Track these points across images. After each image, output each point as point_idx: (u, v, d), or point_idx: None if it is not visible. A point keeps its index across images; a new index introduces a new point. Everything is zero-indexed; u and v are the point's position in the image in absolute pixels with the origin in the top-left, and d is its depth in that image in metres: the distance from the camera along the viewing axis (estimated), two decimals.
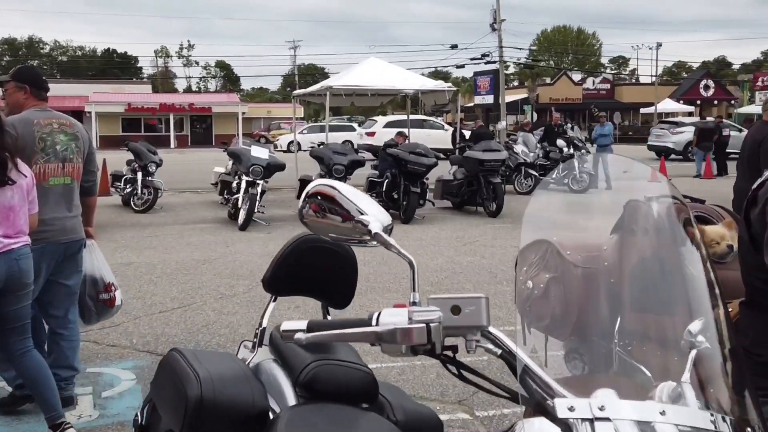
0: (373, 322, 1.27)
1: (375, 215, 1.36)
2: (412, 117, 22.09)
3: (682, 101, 58.50)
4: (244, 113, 45.91)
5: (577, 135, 17.60)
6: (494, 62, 34.72)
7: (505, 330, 1.70)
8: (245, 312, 6.50)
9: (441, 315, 1.21)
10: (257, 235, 10.73)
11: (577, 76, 60.69)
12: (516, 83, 65.54)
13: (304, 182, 13.19)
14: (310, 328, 1.29)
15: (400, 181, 12.18)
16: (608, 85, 60.78)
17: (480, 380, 1.32)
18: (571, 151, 17.03)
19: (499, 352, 1.24)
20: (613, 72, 78.08)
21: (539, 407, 1.19)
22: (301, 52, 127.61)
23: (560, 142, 17.25)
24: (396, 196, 12.29)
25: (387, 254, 8.66)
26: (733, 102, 62.35)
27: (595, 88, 58.93)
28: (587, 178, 16.74)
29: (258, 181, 11.36)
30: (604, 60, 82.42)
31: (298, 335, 1.24)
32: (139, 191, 13.21)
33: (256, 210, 11.29)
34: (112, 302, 4.59)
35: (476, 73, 40.34)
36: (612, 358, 2.56)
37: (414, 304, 1.25)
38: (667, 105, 56.92)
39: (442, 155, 15.30)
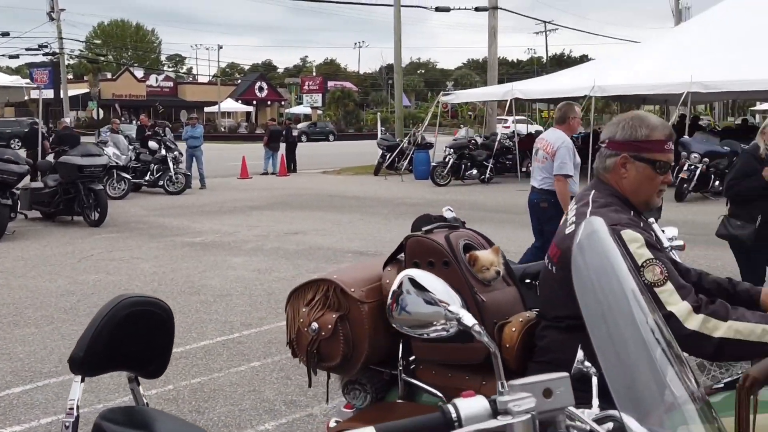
0: (452, 414, 1.15)
1: (456, 301, 1.23)
2: None
3: (240, 101, 61.77)
4: None
5: (169, 136, 17.31)
6: (54, 54, 31.90)
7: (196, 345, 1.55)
8: None
9: (536, 401, 1.17)
10: None
11: (139, 73, 59.44)
12: (71, 76, 61.23)
13: None
14: None
15: None
16: (171, 83, 60.88)
17: None
18: (164, 152, 16.70)
19: (588, 427, 1.24)
20: (172, 70, 78.37)
21: None
22: None
23: (152, 144, 16.78)
24: None
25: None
26: (283, 103, 67.97)
27: (159, 86, 58.49)
28: (183, 179, 16.69)
29: None
30: (164, 57, 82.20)
31: None
32: None
33: None
34: None
35: (31, 65, 36.58)
36: (398, 383, 2.68)
37: (501, 392, 1.17)
38: (229, 104, 59.51)
39: None
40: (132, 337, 1.98)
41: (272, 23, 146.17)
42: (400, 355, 2.63)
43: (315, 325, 2.58)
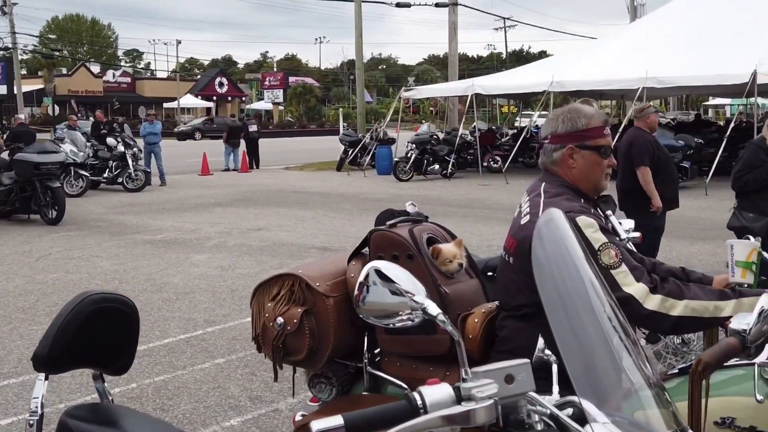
0: (418, 401, 1.19)
1: (421, 291, 1.27)
2: None
3: (200, 96, 61.09)
4: None
5: (128, 133, 17.06)
6: (6, 49, 31.17)
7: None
8: None
9: (498, 387, 1.21)
10: None
11: (96, 68, 58.36)
12: (25, 72, 59.93)
13: None
14: (352, 423, 1.15)
15: None
16: (129, 79, 59.95)
17: None
18: (122, 149, 16.45)
19: (548, 411, 1.28)
20: (129, 65, 77.14)
21: None
22: None
23: (110, 141, 16.51)
24: None
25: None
26: (243, 98, 67.33)
27: (116, 82, 57.56)
28: (143, 176, 16.48)
29: None
30: (120, 53, 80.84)
31: None
32: None
33: None
34: None
35: None
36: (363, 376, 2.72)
37: (464, 380, 1.22)
38: (189, 100, 58.83)
39: None
40: (97, 334, 1.98)
41: (232, 18, 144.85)
42: (365, 348, 2.67)
43: (280, 319, 2.60)
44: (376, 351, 2.70)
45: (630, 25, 28.11)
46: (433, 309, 1.29)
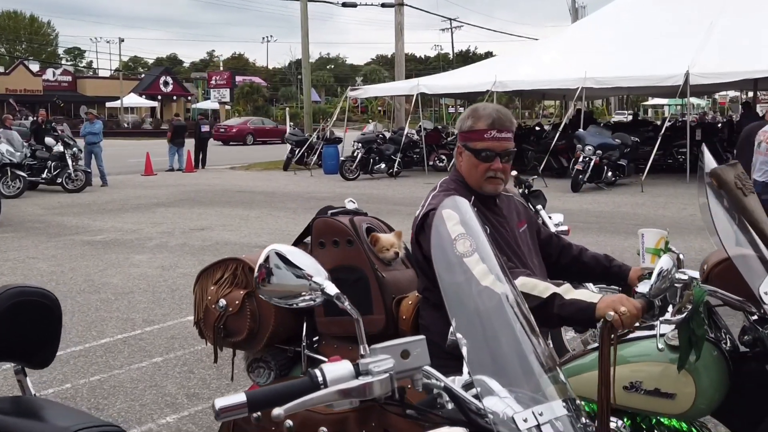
0: (318, 377, 1.26)
1: (320, 273, 1.33)
2: None
3: (144, 96, 59.97)
4: None
5: (68, 133, 16.68)
6: None
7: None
8: None
9: (394, 362, 1.28)
10: None
11: (35, 67, 56.75)
12: None
13: None
14: (254, 400, 1.21)
15: None
16: (70, 77, 58.48)
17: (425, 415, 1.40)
18: (62, 148, 16.09)
19: (442, 384, 1.35)
20: (70, 64, 75.29)
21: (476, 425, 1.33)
22: None
23: (49, 140, 16.13)
24: None
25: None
26: (189, 98, 66.32)
27: (57, 80, 56.09)
28: (83, 176, 16.16)
29: None
30: (61, 51, 78.86)
31: (277, 411, 1.15)
32: None
33: None
34: None
35: None
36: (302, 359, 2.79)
37: (362, 356, 1.28)
38: (132, 99, 57.72)
39: None
40: (17, 327, 1.99)
41: (177, 16, 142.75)
42: (304, 334, 2.74)
43: (223, 301, 2.68)
44: (315, 338, 2.77)
45: (570, 27, 28.72)
46: (332, 289, 1.36)
